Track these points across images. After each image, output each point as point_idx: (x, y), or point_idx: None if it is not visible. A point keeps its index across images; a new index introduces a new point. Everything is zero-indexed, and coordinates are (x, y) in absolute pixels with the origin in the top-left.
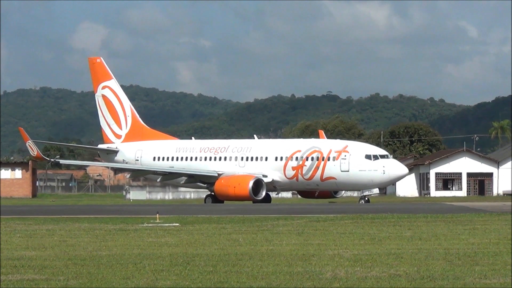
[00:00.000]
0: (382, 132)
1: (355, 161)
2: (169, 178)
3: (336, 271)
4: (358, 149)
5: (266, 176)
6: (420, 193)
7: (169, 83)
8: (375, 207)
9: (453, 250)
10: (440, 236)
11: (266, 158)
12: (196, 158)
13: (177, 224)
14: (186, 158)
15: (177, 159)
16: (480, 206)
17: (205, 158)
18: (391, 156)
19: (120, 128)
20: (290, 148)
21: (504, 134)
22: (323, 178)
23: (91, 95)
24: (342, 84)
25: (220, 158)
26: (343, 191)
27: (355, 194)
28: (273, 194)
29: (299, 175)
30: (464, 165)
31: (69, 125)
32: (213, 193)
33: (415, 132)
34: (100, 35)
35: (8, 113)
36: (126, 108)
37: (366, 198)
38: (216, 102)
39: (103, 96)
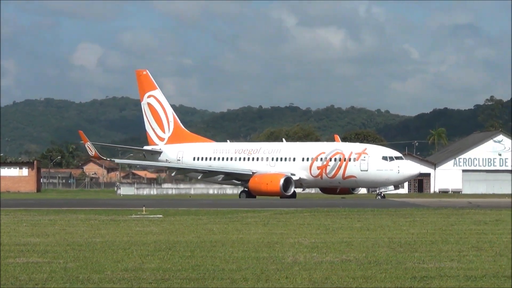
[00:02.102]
0: None
1: (373, 162)
2: (208, 176)
3: (296, 256)
4: (376, 151)
5: (294, 175)
6: (368, 190)
7: None
8: (329, 202)
9: (396, 239)
10: (385, 227)
11: (294, 159)
12: (231, 159)
13: (161, 216)
14: (223, 158)
15: (214, 159)
16: (419, 202)
17: (239, 159)
18: (405, 157)
19: (163, 131)
20: (315, 150)
21: (440, 140)
22: (345, 176)
23: (88, 105)
24: (303, 97)
25: (253, 159)
26: (360, 188)
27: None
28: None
29: (323, 174)
30: None
31: (69, 131)
32: (246, 189)
33: (364, 138)
34: (96, 54)
35: (17, 120)
36: (169, 114)
37: (382, 194)
38: (195, 111)
39: (148, 104)
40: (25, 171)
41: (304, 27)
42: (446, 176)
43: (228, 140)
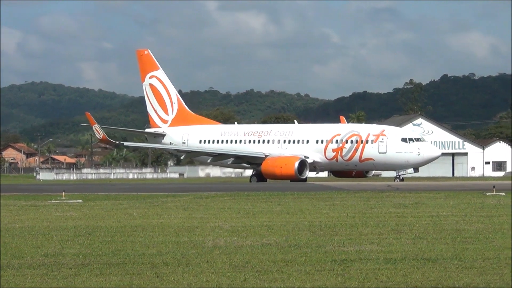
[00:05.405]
0: (255, 122)
1: (392, 144)
2: (219, 159)
3: (217, 240)
4: (395, 132)
5: (307, 158)
6: None
7: (75, 80)
8: (249, 186)
9: (316, 223)
10: (305, 210)
11: (308, 141)
12: (240, 141)
13: (80, 201)
14: (231, 141)
15: (222, 142)
16: (339, 185)
17: (249, 141)
18: (425, 139)
19: (167, 113)
20: (330, 132)
21: (359, 123)
22: (362, 159)
23: (7, 90)
24: (223, 81)
25: (263, 141)
26: (373, 171)
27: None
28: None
29: (339, 156)
30: None
31: None
32: (258, 173)
33: (284, 122)
34: (15, 39)
35: None
36: (172, 95)
37: (401, 178)
38: (114, 96)
39: (150, 85)
40: None
41: (225, 11)
42: None
43: (236, 122)
